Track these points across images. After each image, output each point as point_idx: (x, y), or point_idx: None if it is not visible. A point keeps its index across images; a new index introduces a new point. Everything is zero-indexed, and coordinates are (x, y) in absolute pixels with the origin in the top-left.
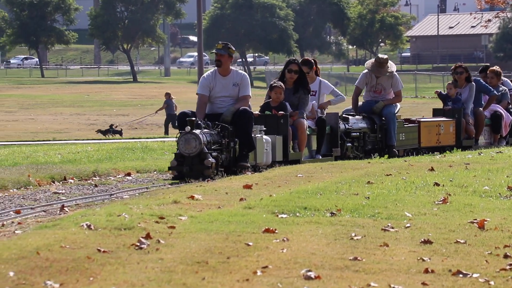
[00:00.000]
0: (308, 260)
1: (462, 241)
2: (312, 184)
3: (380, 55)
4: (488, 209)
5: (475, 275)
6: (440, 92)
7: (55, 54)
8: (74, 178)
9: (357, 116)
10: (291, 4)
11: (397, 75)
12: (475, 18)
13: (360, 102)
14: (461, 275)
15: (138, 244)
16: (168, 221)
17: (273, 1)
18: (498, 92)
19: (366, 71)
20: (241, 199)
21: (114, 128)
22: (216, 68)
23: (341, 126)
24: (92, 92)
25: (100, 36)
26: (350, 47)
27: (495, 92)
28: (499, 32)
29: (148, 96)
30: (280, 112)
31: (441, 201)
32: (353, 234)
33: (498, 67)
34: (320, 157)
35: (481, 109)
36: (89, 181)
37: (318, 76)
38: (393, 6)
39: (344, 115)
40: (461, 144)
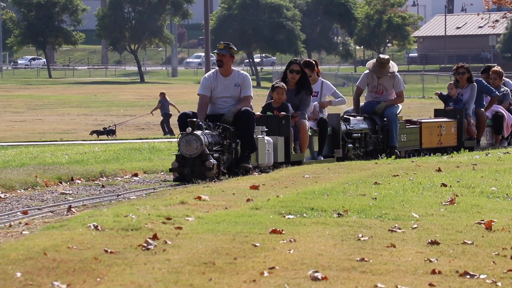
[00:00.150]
0: (315, 261)
1: (469, 242)
2: (319, 185)
3: (381, 55)
4: (496, 210)
5: (482, 276)
6: (441, 93)
7: (63, 55)
8: (81, 179)
9: (358, 117)
10: (298, 5)
11: (399, 76)
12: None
13: (362, 103)
14: (468, 276)
15: (145, 245)
16: (175, 222)
17: (280, 2)
18: (500, 93)
19: (368, 72)
20: (248, 200)
21: (108, 129)
22: (218, 69)
23: (342, 127)
24: (100, 93)
25: (108, 37)
26: (357, 48)
27: (497, 93)
28: (507, 33)
29: (155, 97)
30: (282, 113)
31: (448, 202)
32: (360, 235)
33: (500, 68)
34: (322, 158)
35: (483, 110)
36: (96, 182)
37: (320, 77)
38: (400, 7)
39: (346, 116)
40: (463, 145)
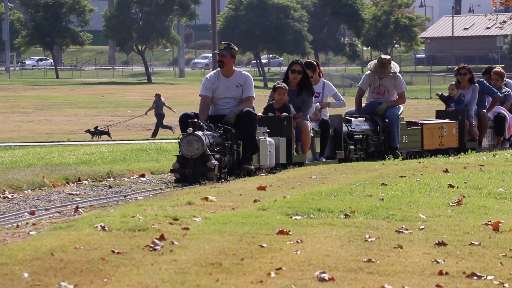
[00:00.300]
0: (322, 262)
1: (477, 243)
2: (326, 186)
3: (383, 56)
4: (503, 211)
5: (490, 277)
6: (442, 94)
7: (70, 55)
8: (89, 179)
9: (360, 118)
10: (306, 6)
11: (401, 76)
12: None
13: (363, 104)
14: (476, 277)
15: (152, 246)
16: (182, 223)
17: (288, 3)
18: (501, 94)
19: (369, 72)
20: (255, 201)
21: (101, 130)
22: (219, 69)
23: (344, 128)
24: (107, 93)
25: (115, 37)
26: (365, 49)
27: (499, 94)
28: None
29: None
30: (284, 114)
31: (456, 203)
32: (367, 236)
33: (502, 69)
34: (324, 160)
35: (485, 111)
36: (104, 182)
37: (321, 78)
38: (408, 8)
39: (347, 117)
40: (464, 147)
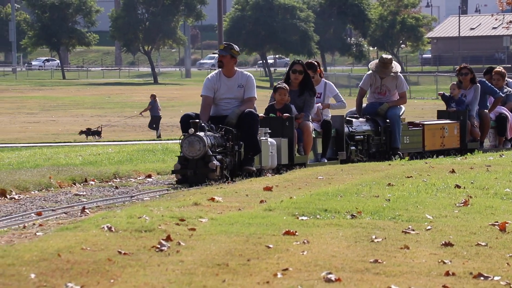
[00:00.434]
0: (329, 263)
1: (483, 244)
2: (333, 186)
3: (384, 55)
4: (510, 212)
5: (496, 278)
6: (443, 94)
7: (76, 56)
8: (95, 180)
9: (361, 119)
10: (312, 6)
11: (402, 76)
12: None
13: (364, 104)
14: (482, 278)
15: (159, 246)
16: (189, 223)
17: (294, 3)
18: (503, 94)
19: (370, 72)
20: (262, 201)
21: (93, 130)
22: (221, 70)
23: (345, 129)
24: (113, 94)
25: (121, 38)
26: (371, 49)
27: (501, 94)
28: None
29: (169, 98)
30: (286, 114)
31: (462, 203)
32: (374, 237)
33: (502, 68)
34: (326, 161)
35: (487, 111)
36: (110, 183)
37: (323, 78)
38: (414, 8)
39: (348, 118)
40: (466, 147)
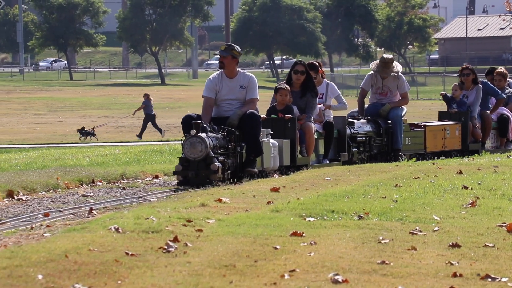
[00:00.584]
0: (336, 264)
1: (491, 245)
2: (340, 187)
3: (385, 55)
4: None
5: (504, 279)
6: (445, 94)
7: (84, 57)
8: (102, 181)
9: (362, 120)
10: (319, 7)
11: (403, 77)
12: (504, 20)
13: (366, 105)
14: (490, 279)
15: (166, 248)
16: (196, 224)
17: (301, 4)
18: (504, 94)
19: (372, 73)
20: (269, 202)
21: (87, 130)
22: (222, 70)
23: (347, 131)
24: (120, 95)
25: (128, 39)
26: (378, 49)
27: (503, 95)
28: None
29: (176, 99)
30: (288, 116)
31: (470, 205)
32: (381, 238)
33: (504, 69)
34: (328, 162)
35: (488, 112)
36: (117, 184)
37: (324, 79)
38: (421, 8)
39: (349, 119)
40: (468, 148)
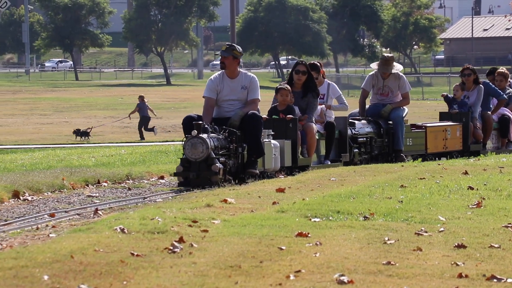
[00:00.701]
0: (341, 265)
1: (497, 246)
2: (345, 188)
3: (386, 54)
4: None
5: (510, 280)
6: (446, 95)
7: (89, 57)
8: (108, 181)
9: (363, 121)
10: (325, 7)
11: (404, 77)
12: (510, 21)
13: (367, 105)
14: (495, 280)
15: (171, 248)
16: (201, 225)
17: (307, 4)
18: (506, 95)
19: (373, 73)
20: (274, 203)
21: (82, 131)
22: (224, 71)
23: (348, 131)
24: (126, 95)
25: (134, 39)
26: (384, 50)
27: (505, 96)
28: None
29: (182, 99)
30: (289, 116)
31: (475, 205)
32: (386, 238)
33: (505, 69)
34: (329, 163)
35: (489, 113)
36: (123, 185)
37: (326, 79)
38: (427, 9)
39: (350, 120)
40: (469, 149)
